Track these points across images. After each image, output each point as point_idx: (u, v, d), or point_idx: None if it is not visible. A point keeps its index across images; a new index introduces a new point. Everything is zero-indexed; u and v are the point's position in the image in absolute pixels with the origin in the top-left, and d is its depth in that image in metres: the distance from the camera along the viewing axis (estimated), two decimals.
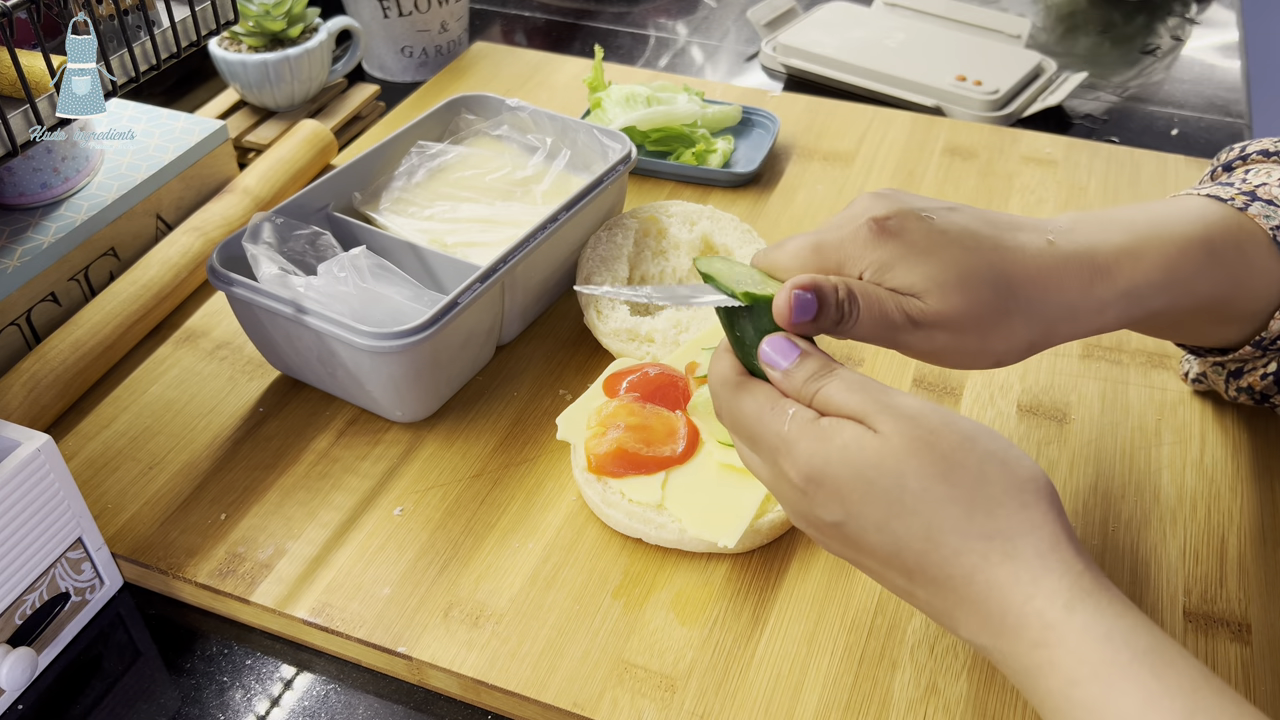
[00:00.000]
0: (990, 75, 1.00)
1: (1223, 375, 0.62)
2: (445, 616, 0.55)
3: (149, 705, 0.54)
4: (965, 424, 0.42)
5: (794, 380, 0.44)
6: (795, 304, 0.44)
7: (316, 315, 0.61)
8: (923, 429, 0.41)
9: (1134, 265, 0.49)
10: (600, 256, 0.73)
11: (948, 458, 0.41)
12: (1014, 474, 0.41)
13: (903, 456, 0.41)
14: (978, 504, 0.40)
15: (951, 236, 0.47)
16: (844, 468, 0.42)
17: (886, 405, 0.42)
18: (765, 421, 0.44)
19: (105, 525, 0.60)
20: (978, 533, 0.40)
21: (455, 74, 1.03)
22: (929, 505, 0.41)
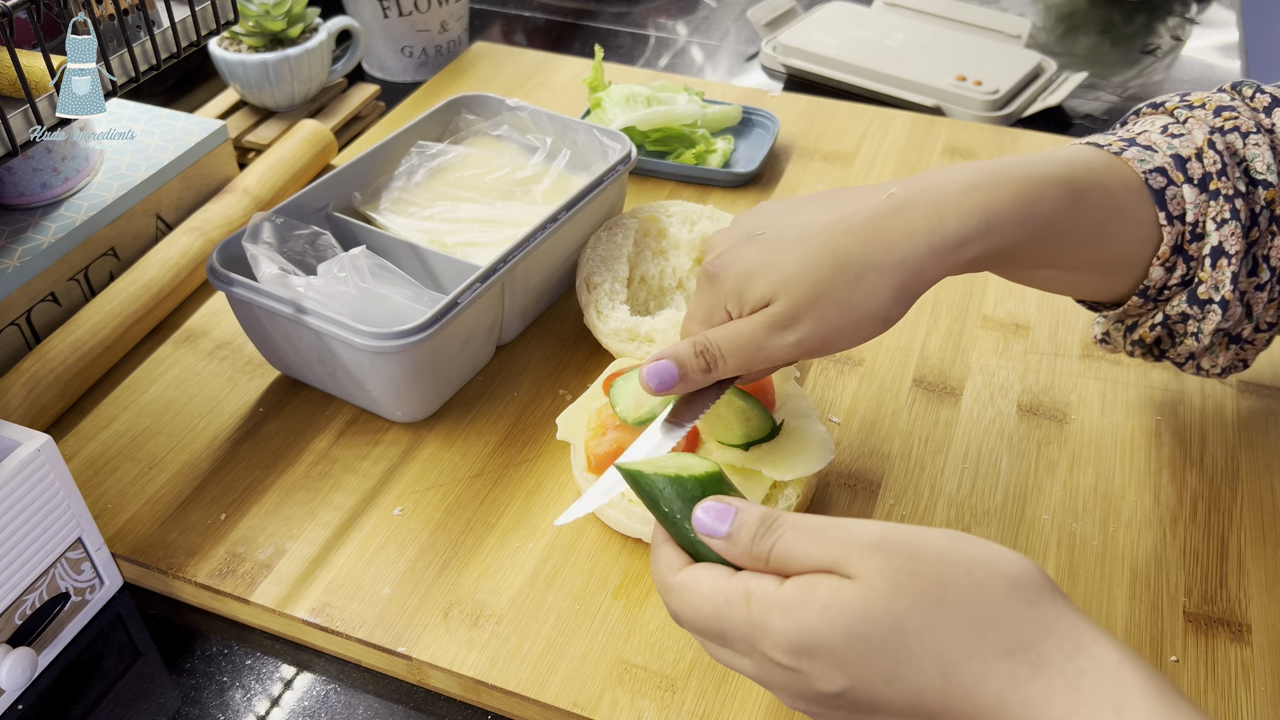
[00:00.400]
0: (990, 75, 1.00)
1: (1121, 331, 0.61)
2: (445, 616, 0.55)
3: (149, 705, 0.54)
4: (935, 538, 0.39)
5: (740, 543, 0.41)
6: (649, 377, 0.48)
7: (316, 315, 0.61)
8: (899, 556, 0.38)
9: (986, 197, 0.49)
10: (600, 256, 0.73)
11: (936, 582, 0.38)
12: (1007, 573, 0.38)
13: (892, 598, 0.37)
14: (985, 620, 0.37)
15: (784, 242, 0.50)
16: (832, 631, 0.38)
17: (852, 544, 0.39)
18: (727, 613, 0.40)
19: (105, 525, 0.60)
20: (995, 652, 0.36)
21: (455, 74, 1.03)
22: (936, 640, 0.37)
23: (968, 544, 0.39)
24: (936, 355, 0.71)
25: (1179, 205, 0.53)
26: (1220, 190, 0.53)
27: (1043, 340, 0.72)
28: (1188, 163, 0.53)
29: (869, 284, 0.49)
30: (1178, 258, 0.54)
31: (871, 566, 0.38)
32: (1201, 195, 0.53)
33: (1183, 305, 0.55)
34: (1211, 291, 0.54)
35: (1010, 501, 0.61)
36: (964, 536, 0.39)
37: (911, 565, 0.38)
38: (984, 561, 0.38)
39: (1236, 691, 0.52)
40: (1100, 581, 0.57)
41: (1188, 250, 0.54)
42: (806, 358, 0.51)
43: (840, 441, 0.65)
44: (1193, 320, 0.55)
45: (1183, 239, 0.53)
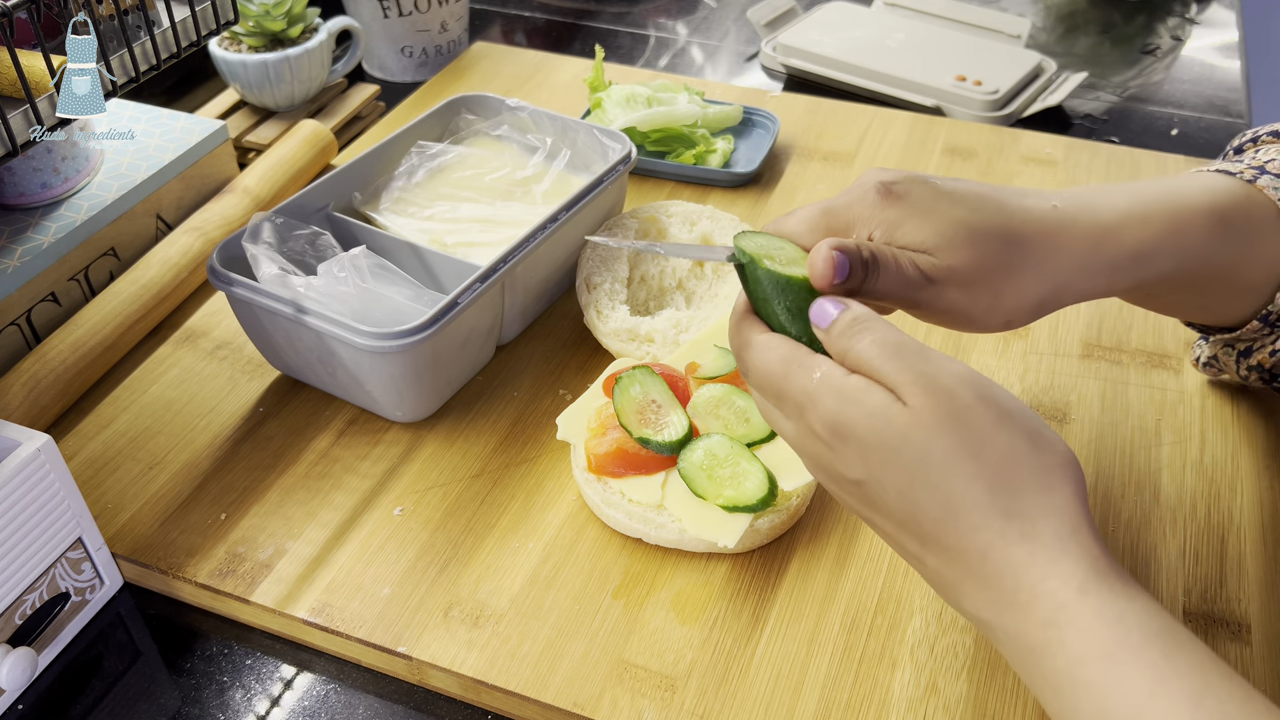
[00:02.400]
0: (990, 75, 1.00)
1: (1233, 355, 0.62)
2: (445, 616, 0.55)
3: (149, 705, 0.54)
4: (1004, 399, 0.42)
5: (834, 330, 0.44)
6: (837, 265, 0.45)
7: (316, 315, 0.61)
8: (957, 403, 0.41)
9: (1141, 227, 0.50)
10: (600, 256, 0.73)
11: (979, 433, 0.40)
12: (1043, 456, 0.41)
13: (932, 431, 0.40)
14: (1002, 482, 0.40)
15: (957, 198, 0.48)
16: (870, 433, 0.41)
17: (920, 376, 0.41)
18: (792, 377, 0.44)
19: (105, 525, 0.60)
20: (999, 510, 0.40)
21: (455, 74, 1.03)
22: (953, 479, 0.40)
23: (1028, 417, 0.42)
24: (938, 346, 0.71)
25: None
26: None
27: (1043, 340, 0.72)
28: None
29: (1020, 283, 0.48)
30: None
31: (928, 403, 0.41)
32: None
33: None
34: None
35: None
36: (1029, 411, 0.42)
37: (966, 414, 0.41)
38: (1031, 438, 0.41)
39: None
40: None
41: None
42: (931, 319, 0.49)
43: None
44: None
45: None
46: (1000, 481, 0.40)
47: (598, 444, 0.59)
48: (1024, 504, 0.40)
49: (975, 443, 0.40)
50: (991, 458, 0.40)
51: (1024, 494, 0.40)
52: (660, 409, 0.59)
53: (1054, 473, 0.41)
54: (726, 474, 0.56)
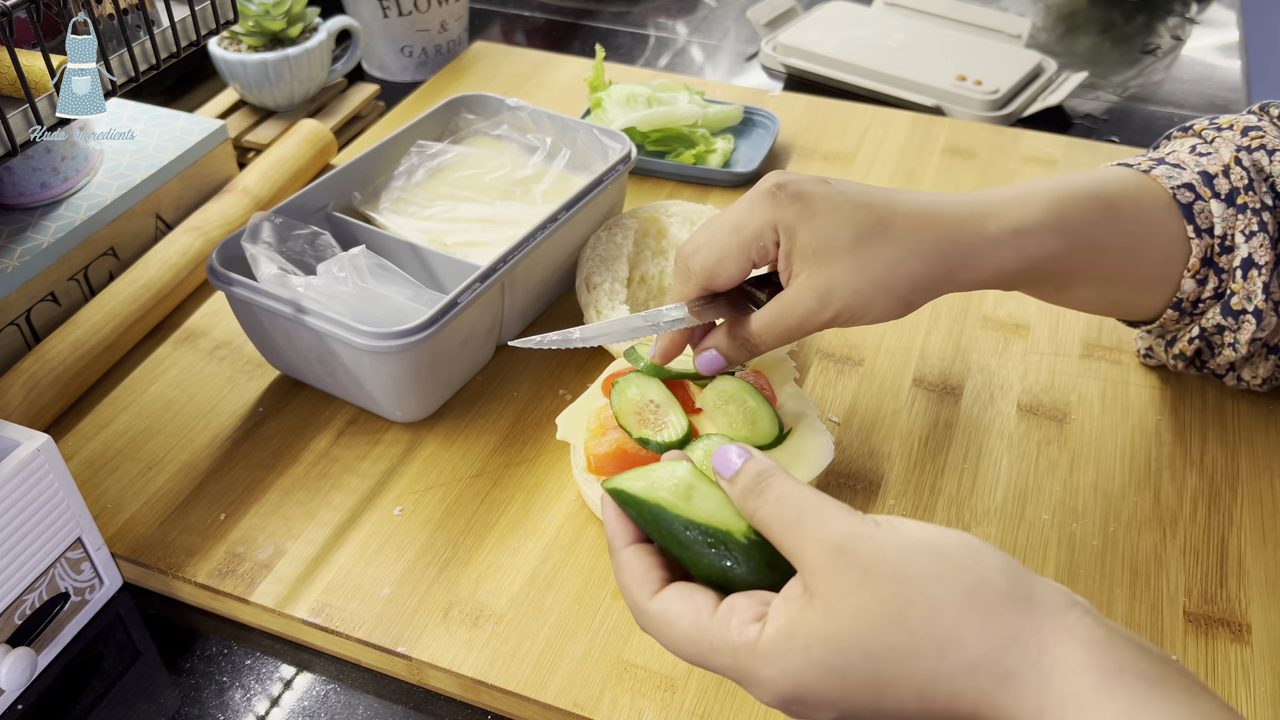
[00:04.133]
0: (990, 75, 1.00)
1: (1162, 345, 0.65)
2: (445, 616, 0.55)
3: (149, 705, 0.54)
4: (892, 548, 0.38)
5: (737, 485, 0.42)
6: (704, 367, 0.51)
7: (316, 315, 0.61)
8: (856, 571, 0.38)
9: (1024, 208, 0.52)
10: (600, 256, 0.73)
11: (892, 603, 0.37)
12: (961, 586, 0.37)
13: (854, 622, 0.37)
14: (945, 640, 0.37)
15: (848, 195, 0.52)
16: (813, 671, 0.38)
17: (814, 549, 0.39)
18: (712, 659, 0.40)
19: (105, 525, 0.60)
20: (960, 669, 0.37)
21: (455, 74, 1.03)
22: (903, 664, 0.37)
23: (922, 554, 0.38)
24: (936, 355, 0.71)
25: (1207, 219, 0.56)
26: (1248, 204, 0.56)
27: (1043, 340, 0.72)
28: (1214, 179, 0.56)
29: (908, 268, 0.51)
30: (1208, 270, 0.57)
31: (832, 586, 0.38)
32: (1229, 209, 0.56)
33: (1217, 317, 0.58)
34: (1244, 302, 0.57)
35: (1010, 501, 0.61)
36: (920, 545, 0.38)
37: (869, 584, 0.38)
38: (938, 575, 0.38)
39: (1236, 691, 0.52)
40: (1100, 581, 0.57)
41: (1218, 263, 0.57)
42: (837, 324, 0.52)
43: (840, 441, 0.65)
44: (1228, 331, 0.59)
45: (1212, 252, 0.56)
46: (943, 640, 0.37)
47: (597, 444, 0.59)
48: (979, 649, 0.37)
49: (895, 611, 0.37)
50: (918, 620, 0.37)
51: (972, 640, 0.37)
52: (659, 409, 0.59)
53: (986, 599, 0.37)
54: None
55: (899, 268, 0.51)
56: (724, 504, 0.42)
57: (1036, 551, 0.58)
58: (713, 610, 0.40)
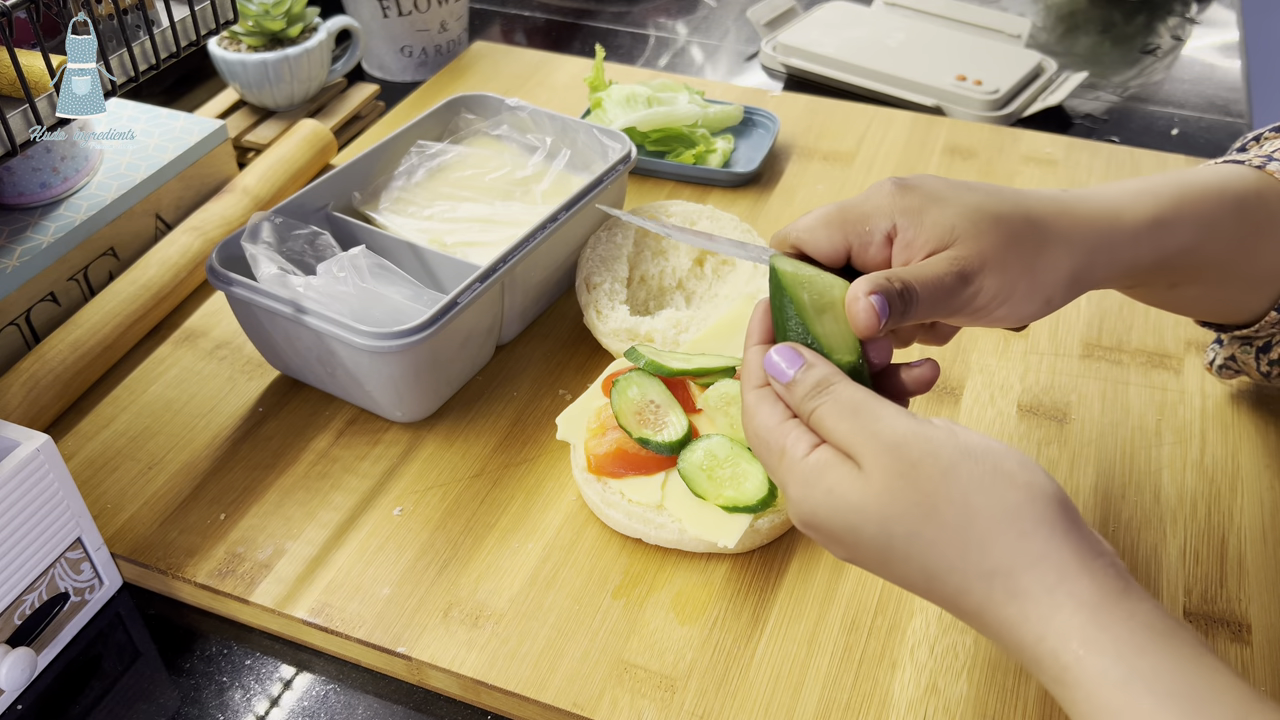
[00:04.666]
0: (990, 75, 1.00)
1: (1251, 353, 0.61)
2: (445, 616, 0.55)
3: (148, 705, 0.54)
4: (948, 451, 0.39)
5: (794, 396, 0.43)
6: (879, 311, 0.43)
7: (316, 315, 0.61)
8: (904, 463, 0.39)
9: (1154, 199, 0.50)
10: (600, 256, 0.73)
11: (931, 495, 0.38)
12: (1004, 501, 0.38)
13: (885, 500, 0.39)
14: (970, 542, 0.38)
15: (971, 186, 0.48)
16: (831, 514, 0.40)
17: (871, 436, 0.40)
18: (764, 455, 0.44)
19: (104, 525, 0.60)
20: (975, 572, 0.38)
21: (455, 74, 1.03)
22: (920, 550, 0.39)
23: (974, 463, 0.39)
24: (937, 355, 0.71)
25: None
26: None
27: (1043, 340, 0.72)
28: None
29: (1052, 256, 0.47)
30: None
31: (878, 463, 0.40)
32: None
33: None
34: None
35: None
36: (977, 454, 0.39)
37: (913, 474, 0.39)
38: (986, 485, 0.39)
39: None
40: None
41: None
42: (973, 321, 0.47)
43: None
44: None
45: None
46: (967, 541, 0.38)
47: (597, 444, 0.59)
48: (1000, 559, 0.37)
49: (929, 506, 0.38)
50: (950, 518, 0.38)
51: (995, 549, 0.38)
52: (659, 409, 0.59)
53: (1024, 516, 0.38)
54: (726, 474, 0.56)
55: (1048, 259, 0.47)
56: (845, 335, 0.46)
57: None
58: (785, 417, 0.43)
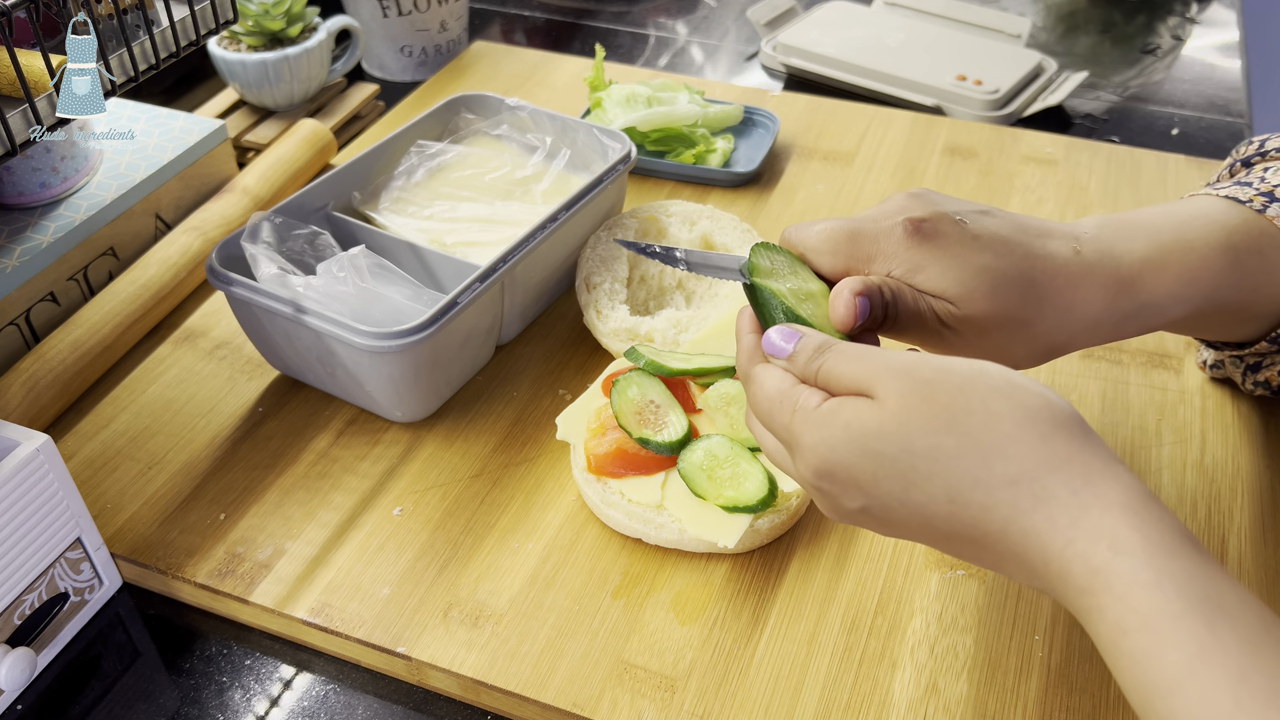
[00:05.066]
0: (990, 75, 1.00)
1: (1240, 368, 0.63)
2: (445, 617, 0.55)
3: (148, 705, 0.54)
4: (962, 365, 0.40)
5: (798, 363, 0.44)
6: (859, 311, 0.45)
7: (316, 315, 0.61)
8: (918, 381, 0.39)
9: (1156, 277, 0.50)
10: (600, 256, 0.73)
11: (949, 406, 0.39)
12: (1025, 405, 0.38)
13: (903, 417, 0.39)
14: (992, 449, 0.38)
15: (984, 242, 0.47)
16: (849, 447, 0.40)
17: (882, 366, 0.41)
18: (776, 416, 0.44)
19: (104, 525, 0.60)
20: (1000, 480, 0.37)
21: (455, 73, 1.03)
22: (942, 464, 0.38)
23: (993, 374, 0.40)
24: None
25: None
26: None
27: None
28: None
29: (1033, 334, 0.48)
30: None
31: (892, 387, 0.40)
32: None
33: None
34: None
35: None
36: (993, 367, 0.40)
37: (928, 390, 0.39)
38: (1004, 392, 0.39)
39: None
40: None
41: None
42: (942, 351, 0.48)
43: None
44: None
45: None
46: (990, 448, 0.38)
47: (597, 444, 0.59)
48: (1024, 464, 0.37)
49: (949, 416, 0.39)
50: (972, 426, 0.38)
51: (1019, 453, 0.38)
52: (659, 409, 0.59)
53: (1043, 420, 0.38)
54: (726, 474, 0.56)
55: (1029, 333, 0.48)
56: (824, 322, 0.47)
57: None
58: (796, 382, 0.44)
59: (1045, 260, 0.48)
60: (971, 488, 0.38)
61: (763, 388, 0.45)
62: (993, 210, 0.50)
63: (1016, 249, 0.48)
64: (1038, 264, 0.48)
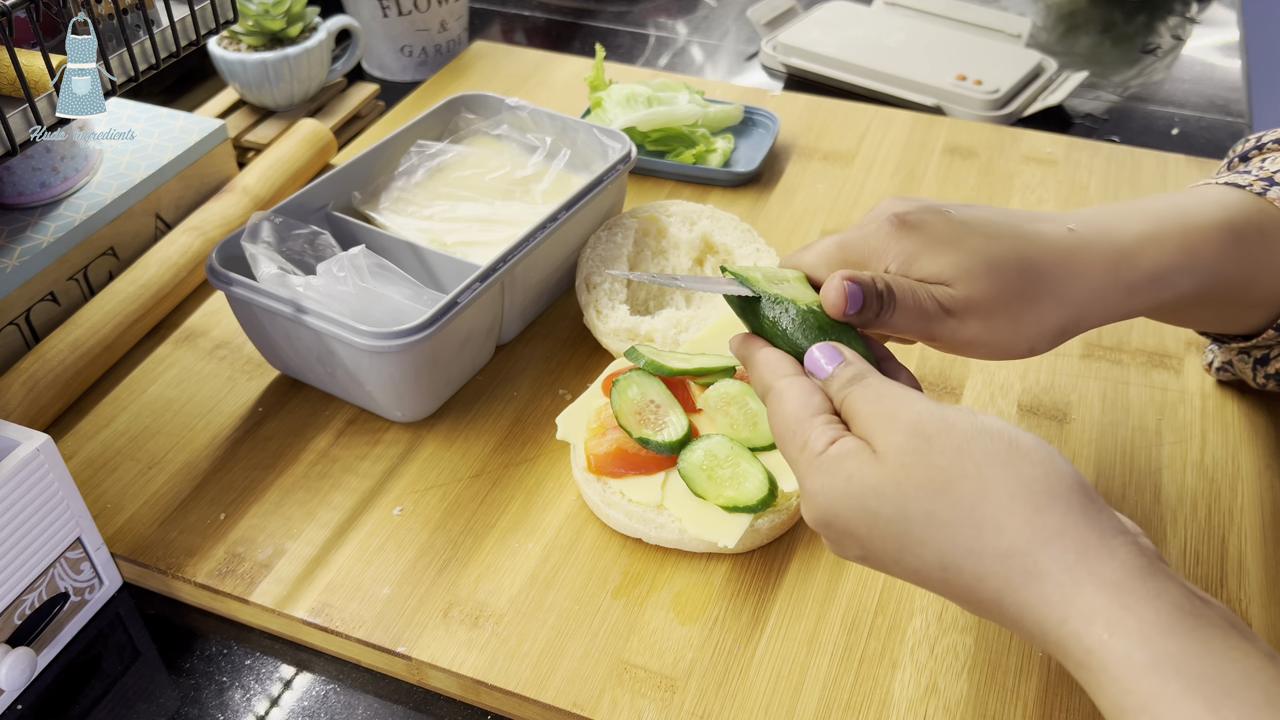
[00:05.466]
0: (990, 74, 1.00)
1: (1249, 363, 0.62)
2: (445, 616, 0.55)
3: (148, 705, 0.54)
4: (965, 422, 0.40)
5: (832, 385, 0.44)
6: (849, 295, 0.45)
7: (316, 315, 0.61)
8: (919, 438, 0.39)
9: (1157, 249, 0.49)
10: (600, 256, 0.73)
11: (945, 470, 0.38)
12: (1020, 476, 0.38)
13: (900, 478, 0.39)
14: (985, 519, 0.37)
15: (972, 227, 0.47)
16: (848, 503, 0.40)
17: (890, 416, 0.41)
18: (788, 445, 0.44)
19: (104, 525, 0.60)
20: (993, 553, 0.37)
21: (455, 73, 1.03)
22: (936, 530, 0.38)
23: (994, 436, 0.39)
24: (937, 355, 0.71)
25: None
26: None
27: None
28: None
29: (1040, 311, 0.47)
30: None
31: (893, 442, 0.40)
32: None
33: None
34: None
35: None
36: (992, 430, 0.39)
37: (927, 448, 0.39)
38: (1001, 459, 0.38)
39: None
40: None
41: None
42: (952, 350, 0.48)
43: None
44: None
45: None
46: (983, 519, 0.37)
47: (597, 444, 0.59)
48: (1017, 538, 0.37)
49: (943, 481, 0.38)
50: (965, 494, 0.38)
51: (1012, 526, 0.37)
52: (659, 409, 0.59)
53: (1038, 491, 0.37)
54: (726, 474, 0.56)
55: (1037, 312, 0.47)
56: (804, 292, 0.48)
57: None
58: (816, 411, 0.43)
59: (1038, 239, 0.48)
60: (964, 557, 0.38)
61: (777, 412, 0.45)
62: (979, 206, 0.50)
63: (1005, 230, 0.48)
64: (1031, 242, 0.48)
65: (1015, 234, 0.48)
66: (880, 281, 0.46)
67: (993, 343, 0.47)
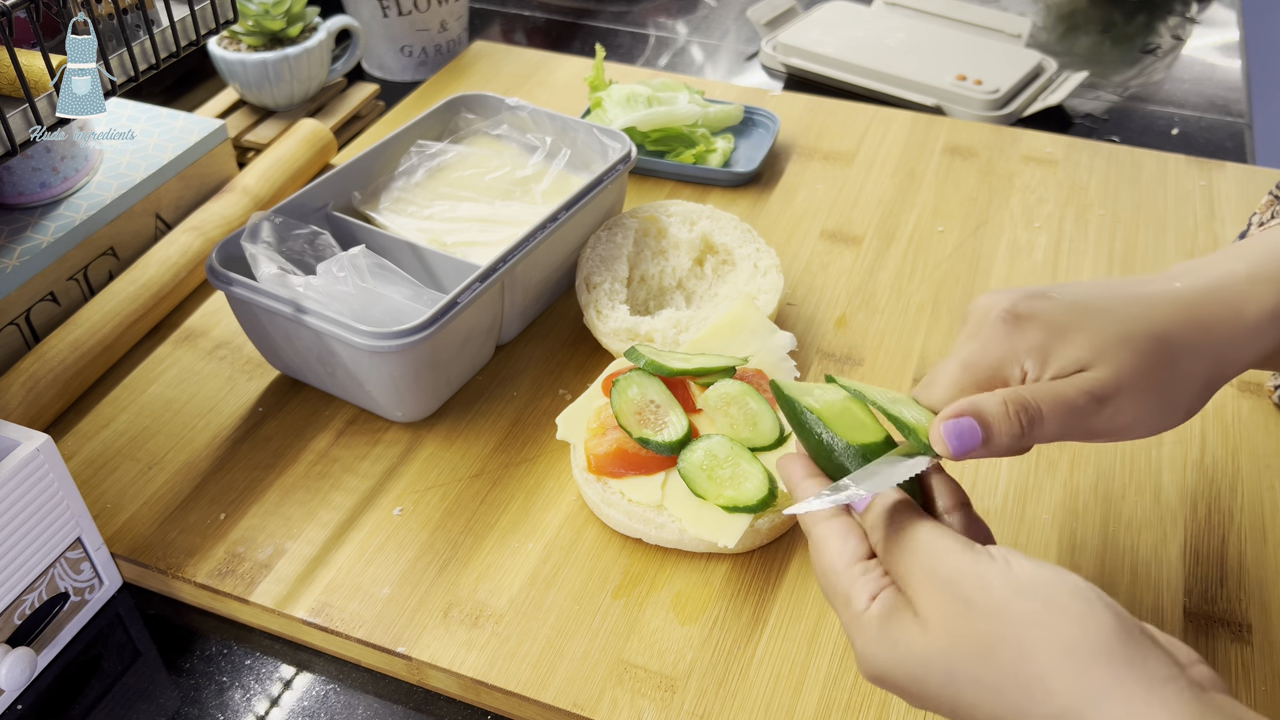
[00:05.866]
0: (990, 75, 1.00)
1: None
2: (445, 616, 0.55)
3: (148, 705, 0.54)
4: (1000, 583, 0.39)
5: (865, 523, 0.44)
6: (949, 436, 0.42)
7: (316, 315, 0.61)
8: (958, 602, 0.39)
9: (1269, 286, 0.48)
10: (600, 256, 0.73)
11: (986, 637, 0.38)
12: (1060, 636, 0.37)
13: (946, 646, 0.39)
14: (1032, 681, 0.37)
15: (1087, 304, 0.46)
16: (898, 668, 0.40)
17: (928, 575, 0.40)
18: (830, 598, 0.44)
19: (104, 525, 0.60)
20: (1044, 714, 0.37)
21: (455, 73, 1.03)
22: (986, 695, 0.38)
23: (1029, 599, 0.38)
24: (936, 355, 0.71)
25: None
26: None
27: None
28: None
29: (1185, 368, 0.46)
30: None
31: (933, 609, 0.40)
32: None
33: None
34: None
35: (1010, 501, 0.61)
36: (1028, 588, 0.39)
37: (968, 613, 0.39)
38: (1039, 620, 0.38)
39: (1237, 691, 0.52)
40: (1100, 581, 0.57)
41: None
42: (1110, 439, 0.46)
43: None
44: None
45: None
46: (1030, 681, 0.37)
47: (597, 444, 0.59)
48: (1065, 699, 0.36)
49: (986, 649, 0.38)
50: (1009, 660, 0.38)
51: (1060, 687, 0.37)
52: (659, 409, 0.59)
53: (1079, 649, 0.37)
54: (726, 474, 0.56)
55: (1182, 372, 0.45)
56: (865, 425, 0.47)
57: (1037, 552, 0.58)
58: (856, 559, 0.43)
59: (1156, 301, 0.47)
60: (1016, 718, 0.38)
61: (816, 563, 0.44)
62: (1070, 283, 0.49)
63: (1120, 300, 0.46)
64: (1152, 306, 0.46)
65: (1132, 302, 0.46)
66: (1011, 401, 0.43)
67: (1150, 417, 0.45)
